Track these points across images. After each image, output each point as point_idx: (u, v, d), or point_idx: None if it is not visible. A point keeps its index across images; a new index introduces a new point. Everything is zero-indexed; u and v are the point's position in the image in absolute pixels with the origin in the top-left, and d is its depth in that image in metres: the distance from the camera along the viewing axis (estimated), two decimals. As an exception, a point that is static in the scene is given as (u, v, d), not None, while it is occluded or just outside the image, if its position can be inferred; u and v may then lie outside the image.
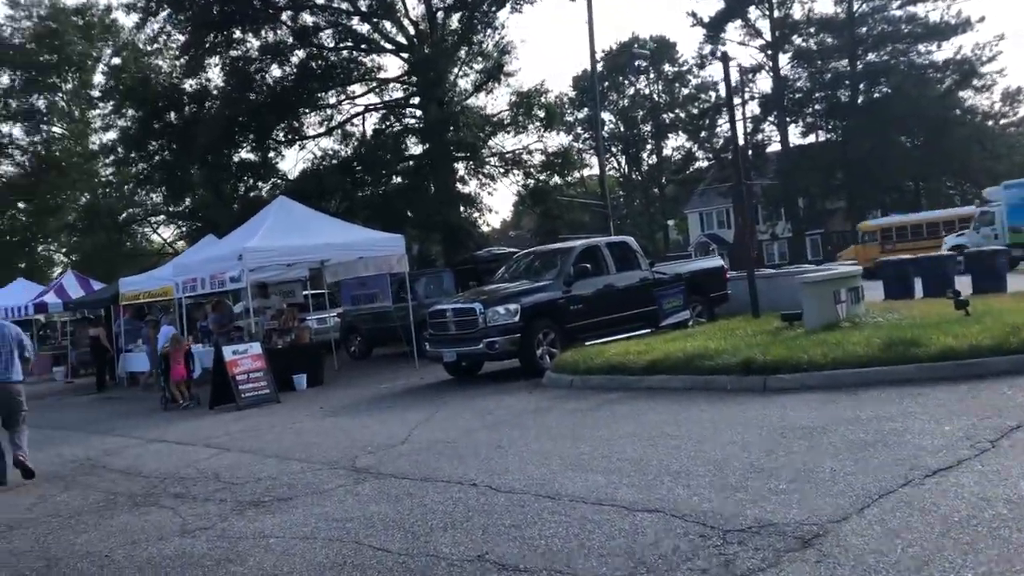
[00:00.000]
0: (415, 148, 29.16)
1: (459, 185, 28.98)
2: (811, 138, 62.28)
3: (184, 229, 35.39)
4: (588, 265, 14.10)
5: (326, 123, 30.26)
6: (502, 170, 29.32)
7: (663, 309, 14.03)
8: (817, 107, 60.16)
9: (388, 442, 9.18)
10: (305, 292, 23.67)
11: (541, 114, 28.43)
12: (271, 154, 29.94)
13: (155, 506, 7.43)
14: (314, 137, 30.30)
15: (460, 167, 28.94)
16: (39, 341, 33.14)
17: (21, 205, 48.39)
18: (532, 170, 29.43)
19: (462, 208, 28.21)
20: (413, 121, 29.51)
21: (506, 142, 29.45)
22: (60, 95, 46.89)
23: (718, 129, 66.23)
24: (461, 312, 13.60)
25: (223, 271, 15.99)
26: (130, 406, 16.68)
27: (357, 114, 30.36)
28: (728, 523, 5.09)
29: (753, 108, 61.19)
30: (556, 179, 29.90)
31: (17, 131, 46.98)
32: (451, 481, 6.99)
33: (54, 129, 47.89)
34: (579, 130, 70.16)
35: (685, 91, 73.82)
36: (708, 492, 5.80)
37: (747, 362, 10.06)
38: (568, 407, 10.12)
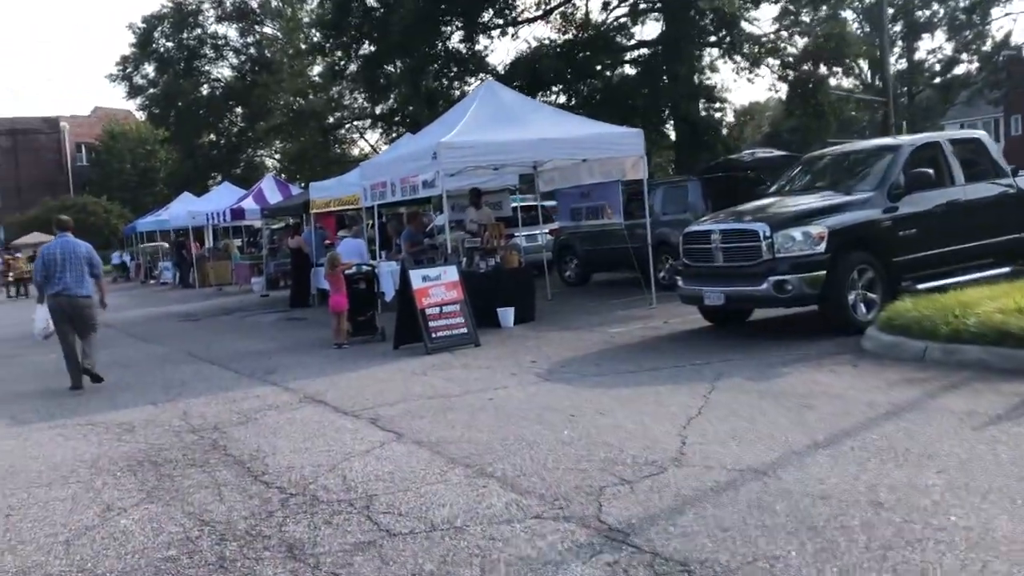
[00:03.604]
0: (651, 30, 24.42)
1: (706, 74, 23.91)
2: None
3: (386, 134, 32.82)
4: (930, 171, 9.49)
5: (543, 4, 25.90)
6: (754, 59, 23.96)
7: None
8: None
9: (648, 455, 5.44)
10: (514, 204, 20.10)
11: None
12: (480, 43, 26.15)
13: (246, 579, 4.10)
14: (529, 21, 26.02)
15: (706, 53, 23.85)
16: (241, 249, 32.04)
17: (239, 110, 48.03)
18: (791, 59, 24.01)
19: (703, 103, 23.29)
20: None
21: (763, 23, 24.07)
22: (274, -8, 45.56)
23: (988, 27, 56.27)
24: (736, 235, 9.46)
25: (414, 173, 12.65)
26: (310, 332, 13.97)
27: (581, -9, 25.78)
28: None
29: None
30: (823, 69, 24.46)
31: (232, 32, 46.30)
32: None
33: (266, 30, 46.86)
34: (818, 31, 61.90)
35: (949, -18, 63.43)
36: None
37: None
38: (956, 408, 5.92)
